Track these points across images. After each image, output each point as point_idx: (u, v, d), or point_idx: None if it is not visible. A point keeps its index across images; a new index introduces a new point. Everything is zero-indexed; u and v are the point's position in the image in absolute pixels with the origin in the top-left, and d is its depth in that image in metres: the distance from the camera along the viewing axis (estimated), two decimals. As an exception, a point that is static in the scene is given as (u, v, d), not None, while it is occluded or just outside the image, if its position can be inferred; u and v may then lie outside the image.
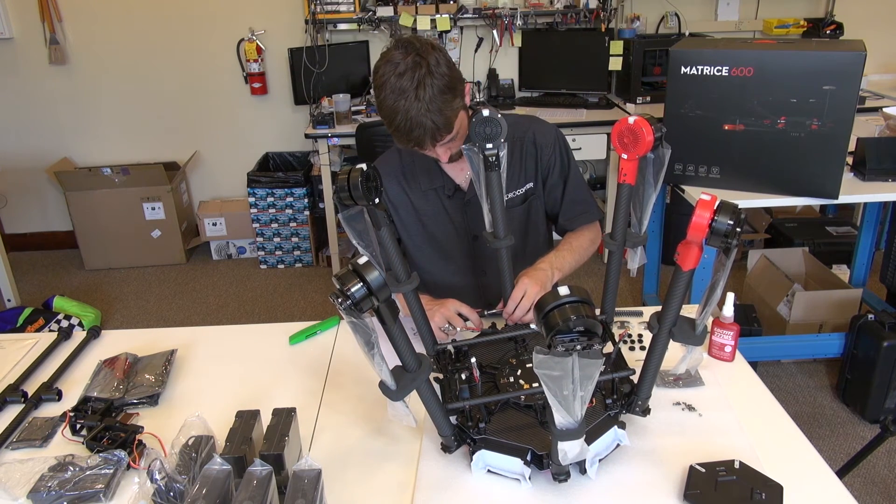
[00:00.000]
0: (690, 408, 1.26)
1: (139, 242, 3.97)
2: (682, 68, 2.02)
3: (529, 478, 1.08)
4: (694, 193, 2.12)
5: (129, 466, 1.15)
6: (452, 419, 1.14)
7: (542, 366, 0.89)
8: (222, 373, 1.47)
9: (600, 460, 1.11)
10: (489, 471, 1.11)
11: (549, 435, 1.02)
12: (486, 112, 1.29)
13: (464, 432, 1.13)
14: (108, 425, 1.22)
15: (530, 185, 1.64)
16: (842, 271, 3.20)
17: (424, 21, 3.69)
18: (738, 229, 0.95)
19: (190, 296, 3.70)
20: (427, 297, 1.51)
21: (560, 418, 0.95)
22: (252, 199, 3.83)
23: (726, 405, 1.27)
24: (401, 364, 1.04)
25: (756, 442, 1.17)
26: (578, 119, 3.54)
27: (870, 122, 2.66)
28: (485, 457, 1.11)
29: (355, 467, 1.16)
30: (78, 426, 1.24)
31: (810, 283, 3.02)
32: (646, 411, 1.17)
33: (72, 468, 1.13)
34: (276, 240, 3.93)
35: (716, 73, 1.98)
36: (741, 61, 1.94)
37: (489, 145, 1.31)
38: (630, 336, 1.49)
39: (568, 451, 0.99)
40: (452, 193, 1.62)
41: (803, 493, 1.05)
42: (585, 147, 3.53)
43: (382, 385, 1.03)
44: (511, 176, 1.60)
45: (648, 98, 3.64)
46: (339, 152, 3.75)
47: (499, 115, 1.29)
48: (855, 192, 2.13)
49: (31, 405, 1.34)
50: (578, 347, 0.89)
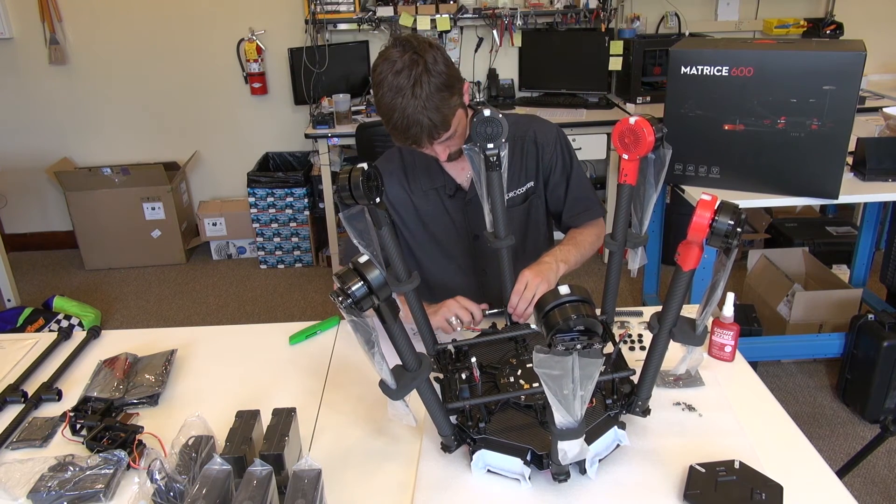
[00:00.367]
0: (690, 408, 1.26)
1: (139, 242, 3.97)
2: (682, 68, 2.02)
3: (529, 478, 1.08)
4: (694, 193, 2.12)
5: (129, 466, 1.15)
6: (452, 419, 1.14)
7: (543, 365, 0.89)
8: (222, 373, 1.47)
9: (600, 460, 1.11)
10: (489, 471, 1.11)
11: (549, 435, 1.02)
12: (486, 112, 1.29)
13: (464, 432, 1.13)
14: (108, 425, 1.22)
15: (531, 184, 1.64)
16: (842, 271, 3.20)
17: (424, 21, 3.69)
18: (738, 229, 0.95)
19: (190, 296, 3.70)
20: (428, 304, 1.51)
21: (560, 418, 0.95)
22: (252, 199, 3.83)
23: (726, 405, 1.27)
24: (401, 363, 1.05)
25: (756, 442, 1.17)
26: (578, 119, 3.55)
27: (870, 122, 2.66)
28: (485, 457, 1.11)
29: (355, 467, 1.16)
30: (78, 426, 1.24)
31: (810, 283, 3.02)
32: (646, 411, 1.17)
33: (72, 468, 1.13)
34: (276, 240, 3.93)
35: (716, 73, 1.98)
36: (741, 61, 1.94)
37: (490, 145, 1.31)
38: (630, 336, 1.49)
39: (568, 450, 0.99)
40: (453, 193, 1.62)
41: (803, 493, 1.05)
42: (585, 147, 3.53)
43: (382, 384, 1.03)
44: (512, 175, 1.60)
45: (648, 98, 3.64)
46: (339, 152, 3.75)
47: (500, 115, 1.29)
48: (855, 192, 2.13)
49: (31, 405, 1.34)
50: (579, 346, 0.89)
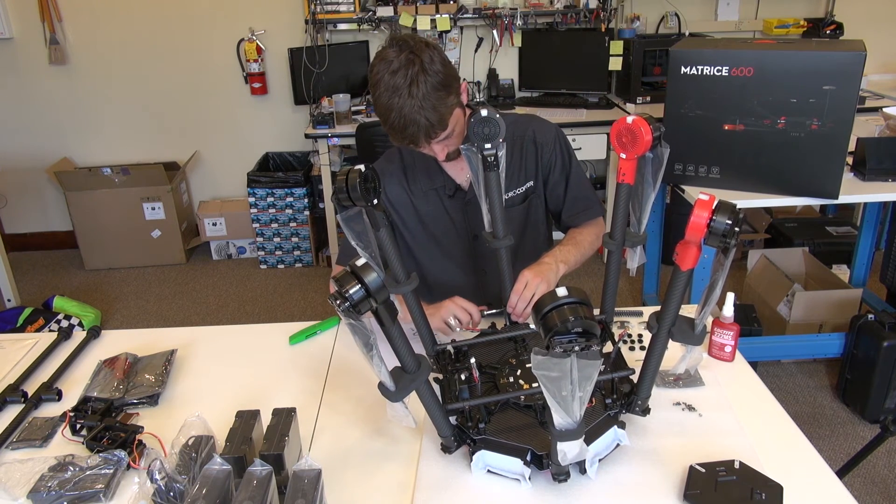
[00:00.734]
0: (690, 408, 1.26)
1: (139, 242, 3.97)
2: (682, 68, 2.02)
3: (529, 478, 1.08)
4: (694, 193, 2.12)
5: (129, 466, 1.15)
6: (452, 419, 1.14)
7: (541, 367, 0.89)
8: (222, 373, 1.47)
9: (600, 460, 1.11)
10: (489, 471, 1.11)
11: (549, 435, 1.02)
12: (484, 112, 1.28)
13: (463, 432, 1.13)
14: (108, 425, 1.22)
15: (530, 183, 1.64)
16: (842, 271, 3.20)
17: (424, 21, 3.69)
18: (736, 229, 0.95)
19: (190, 296, 3.70)
20: (427, 305, 1.50)
21: (559, 419, 0.95)
22: (252, 199, 3.83)
23: (726, 405, 1.27)
24: (400, 365, 1.04)
25: (756, 442, 1.17)
26: (578, 119, 3.54)
27: (870, 122, 2.66)
28: (485, 457, 1.11)
29: (355, 467, 1.16)
30: (78, 426, 1.24)
31: (810, 283, 3.02)
32: (646, 411, 1.17)
33: (72, 468, 1.13)
34: (276, 240, 3.93)
35: (716, 73, 1.98)
36: (741, 61, 1.94)
37: (488, 145, 1.30)
38: (630, 336, 1.49)
39: (567, 451, 0.99)
40: (453, 193, 1.62)
41: (803, 493, 1.05)
42: (585, 147, 3.53)
43: (382, 386, 1.03)
44: (511, 175, 1.60)
45: (648, 98, 3.64)
46: (339, 152, 3.75)
47: (497, 116, 1.29)
48: (855, 192, 2.13)
49: (31, 405, 1.34)
50: (577, 348, 0.89)
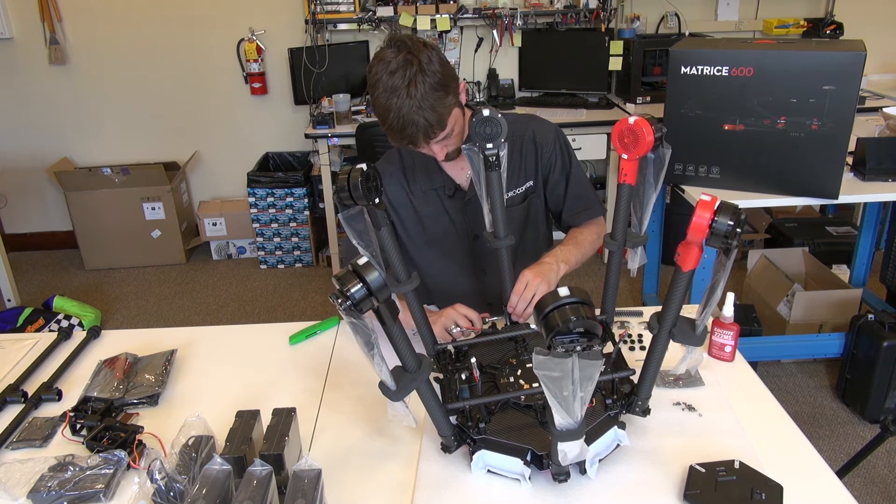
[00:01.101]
0: (690, 408, 1.26)
1: (139, 242, 3.97)
2: (682, 68, 2.02)
3: (529, 478, 1.08)
4: (694, 193, 2.12)
5: (129, 466, 1.15)
6: (452, 419, 1.14)
7: (542, 367, 0.89)
8: (222, 373, 1.47)
9: (600, 460, 1.11)
10: (489, 471, 1.11)
11: (549, 435, 1.02)
12: (486, 112, 1.28)
13: (464, 432, 1.13)
14: (108, 425, 1.22)
15: (530, 183, 1.64)
16: (842, 271, 3.20)
17: (424, 21, 3.69)
18: (738, 230, 0.95)
19: (190, 296, 3.70)
20: (430, 311, 1.50)
21: (560, 419, 0.95)
22: (252, 199, 3.83)
23: (726, 405, 1.27)
24: (401, 364, 1.04)
25: (756, 442, 1.17)
26: (578, 119, 3.54)
27: (870, 122, 2.66)
28: (485, 457, 1.11)
29: (355, 467, 1.16)
30: (78, 426, 1.24)
31: (810, 283, 3.02)
32: (646, 411, 1.17)
33: (72, 468, 1.13)
34: (276, 240, 3.93)
35: (716, 73, 1.98)
36: (741, 61, 1.94)
37: (489, 145, 1.30)
38: (630, 336, 1.49)
39: (568, 451, 0.99)
40: (453, 193, 1.62)
41: (803, 493, 1.05)
42: (585, 147, 3.53)
43: (382, 385, 1.03)
44: (511, 175, 1.60)
45: (648, 98, 3.64)
46: (339, 152, 3.75)
47: (499, 115, 1.29)
48: (855, 192, 2.13)
49: (31, 405, 1.34)
50: (578, 348, 0.89)
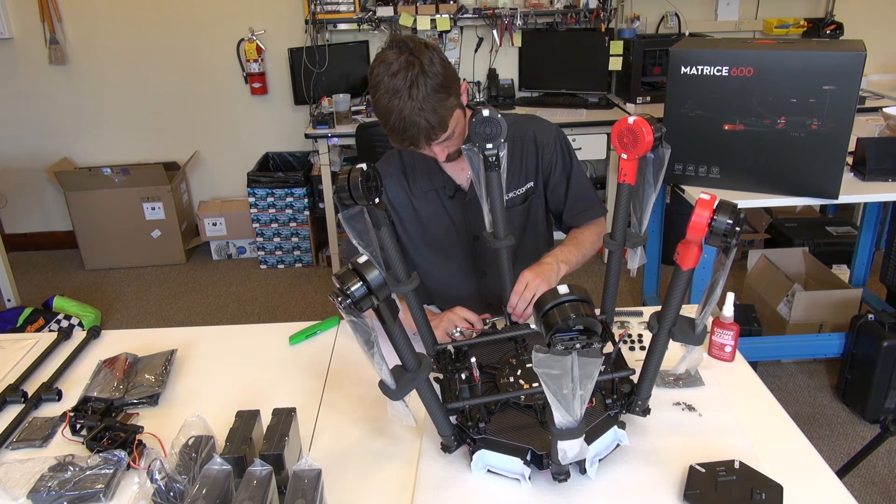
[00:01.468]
0: (690, 408, 1.26)
1: (139, 242, 3.97)
2: (682, 68, 2.02)
3: (529, 478, 1.08)
4: (694, 193, 2.12)
5: (129, 466, 1.15)
6: (452, 419, 1.14)
7: (542, 364, 0.89)
8: (222, 373, 1.47)
9: (600, 460, 1.11)
10: (489, 471, 1.11)
11: (549, 435, 1.02)
12: (486, 112, 1.29)
13: (464, 432, 1.13)
14: (108, 425, 1.22)
15: (530, 184, 1.64)
16: (842, 271, 3.20)
17: (424, 21, 3.69)
18: (737, 229, 0.95)
19: (190, 296, 3.70)
20: (430, 312, 1.50)
21: (559, 417, 0.95)
22: (252, 199, 3.83)
23: (726, 405, 1.27)
24: (400, 363, 1.04)
25: (756, 442, 1.17)
26: (578, 119, 3.54)
27: (870, 122, 2.66)
28: (485, 457, 1.11)
29: (355, 467, 1.16)
30: (78, 426, 1.24)
31: (810, 283, 3.02)
32: (646, 411, 1.17)
33: (72, 468, 1.13)
34: (276, 240, 3.93)
35: (716, 73, 1.98)
36: (741, 61, 1.94)
37: (489, 145, 1.31)
38: (630, 336, 1.49)
39: (567, 450, 0.99)
40: (453, 194, 1.62)
41: (803, 493, 1.05)
42: (585, 147, 3.53)
43: (382, 384, 1.03)
44: (511, 175, 1.60)
45: (648, 98, 3.64)
46: (339, 152, 3.75)
47: (499, 116, 1.29)
48: (855, 192, 2.13)
49: (31, 405, 1.34)
50: (578, 346, 0.89)
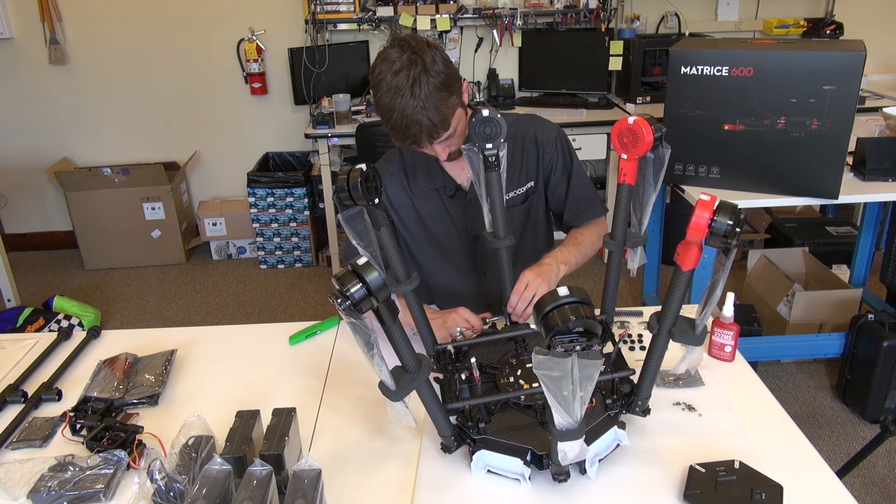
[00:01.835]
0: (690, 408, 1.26)
1: (139, 242, 3.97)
2: (682, 68, 2.02)
3: (529, 478, 1.08)
4: (694, 193, 2.12)
5: (129, 466, 1.15)
6: (452, 419, 1.14)
7: (542, 366, 0.89)
8: (222, 373, 1.47)
9: (600, 460, 1.11)
10: (489, 471, 1.11)
11: (549, 435, 1.02)
12: (485, 112, 1.28)
13: (464, 432, 1.13)
14: (108, 425, 1.22)
15: (531, 183, 1.64)
16: (842, 271, 3.20)
17: (424, 21, 3.69)
18: (737, 229, 0.95)
19: (190, 296, 3.70)
20: (432, 310, 1.51)
21: (560, 419, 0.95)
22: (252, 199, 3.83)
23: (726, 405, 1.27)
24: (400, 364, 1.04)
25: (756, 442, 1.17)
26: (578, 119, 3.54)
27: (870, 122, 2.66)
28: (485, 457, 1.11)
29: (355, 467, 1.16)
30: (78, 426, 1.24)
31: (810, 283, 3.02)
32: (646, 411, 1.17)
33: (72, 468, 1.13)
34: (276, 240, 3.93)
35: (716, 73, 1.98)
36: (741, 61, 1.94)
37: (489, 145, 1.30)
38: (630, 336, 1.49)
39: (567, 451, 0.99)
40: (454, 193, 1.62)
41: (803, 493, 1.05)
42: (585, 147, 3.53)
43: (382, 385, 1.03)
44: (512, 175, 1.60)
45: (648, 98, 3.64)
46: (339, 152, 3.75)
47: (498, 116, 1.29)
48: (855, 192, 2.13)
49: (31, 405, 1.34)
50: (578, 348, 0.89)
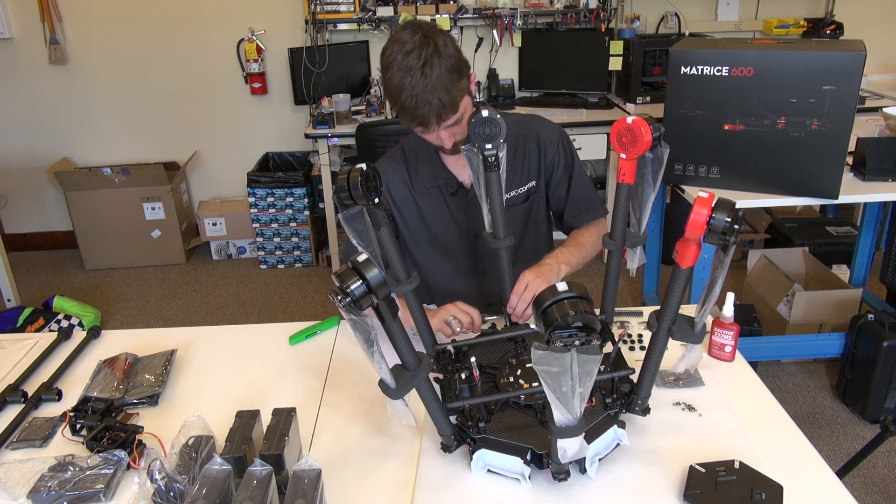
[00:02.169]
0: (690, 408, 1.26)
1: (139, 242, 3.97)
2: (682, 68, 2.02)
3: (529, 477, 1.08)
4: (694, 193, 2.12)
5: (129, 466, 1.15)
6: (452, 419, 1.14)
7: (541, 361, 0.89)
8: (222, 373, 1.47)
9: (600, 460, 1.11)
10: (489, 470, 1.11)
11: (549, 434, 1.02)
12: (485, 112, 1.29)
13: (464, 432, 1.13)
14: (108, 425, 1.22)
15: (532, 183, 1.64)
16: (842, 271, 3.20)
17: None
18: (735, 226, 0.95)
19: (190, 296, 3.70)
20: (430, 310, 1.50)
21: (559, 415, 0.95)
22: (252, 199, 3.83)
23: (726, 405, 1.27)
24: (400, 363, 1.04)
25: (756, 442, 1.17)
26: (578, 119, 3.54)
27: (870, 122, 2.66)
28: (485, 456, 1.11)
29: (355, 467, 1.16)
30: (78, 426, 1.24)
31: (810, 283, 3.02)
32: (646, 411, 1.17)
33: (72, 468, 1.13)
34: (276, 240, 3.93)
35: (716, 73, 1.98)
36: (741, 61, 1.94)
37: (488, 146, 1.31)
38: (630, 336, 1.49)
39: (567, 448, 0.99)
40: (455, 191, 1.62)
41: (803, 493, 1.05)
42: (585, 147, 3.53)
43: (382, 383, 1.03)
44: (513, 174, 1.60)
45: (648, 98, 3.64)
46: (339, 152, 3.75)
47: (498, 116, 1.29)
48: (855, 192, 2.13)
49: (31, 405, 1.34)
50: (577, 343, 0.89)
